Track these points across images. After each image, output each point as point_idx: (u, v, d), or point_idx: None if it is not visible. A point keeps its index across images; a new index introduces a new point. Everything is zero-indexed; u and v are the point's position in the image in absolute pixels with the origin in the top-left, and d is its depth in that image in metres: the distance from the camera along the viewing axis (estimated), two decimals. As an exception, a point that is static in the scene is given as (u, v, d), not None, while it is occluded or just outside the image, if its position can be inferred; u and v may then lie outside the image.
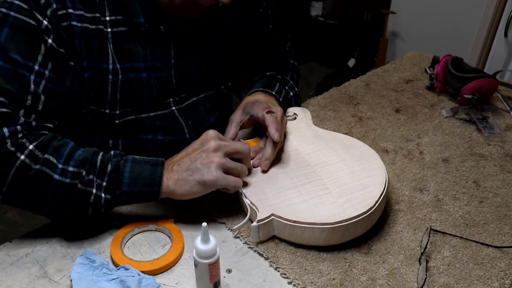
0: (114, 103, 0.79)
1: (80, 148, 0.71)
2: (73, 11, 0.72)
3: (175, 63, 0.84)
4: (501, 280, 0.65)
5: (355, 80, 1.20)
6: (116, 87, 0.78)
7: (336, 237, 0.68)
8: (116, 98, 0.79)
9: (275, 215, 0.69)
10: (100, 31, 0.75)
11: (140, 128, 0.84)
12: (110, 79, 0.77)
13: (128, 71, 0.79)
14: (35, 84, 0.70)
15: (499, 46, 2.01)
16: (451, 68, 1.08)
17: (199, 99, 0.92)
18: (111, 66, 0.77)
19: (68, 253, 0.69)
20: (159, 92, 0.84)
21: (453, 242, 0.71)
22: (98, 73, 0.76)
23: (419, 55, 1.32)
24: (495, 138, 0.96)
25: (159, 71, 0.83)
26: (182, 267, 0.67)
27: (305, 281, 0.64)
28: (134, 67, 0.80)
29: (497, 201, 0.79)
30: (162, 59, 0.82)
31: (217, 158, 0.70)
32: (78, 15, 0.72)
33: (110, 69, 0.77)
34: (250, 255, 0.69)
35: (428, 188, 0.82)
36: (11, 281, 0.65)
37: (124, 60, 0.78)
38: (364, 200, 0.70)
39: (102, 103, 0.79)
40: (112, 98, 0.79)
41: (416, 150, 0.92)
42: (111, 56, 0.77)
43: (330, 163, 0.78)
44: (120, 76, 0.78)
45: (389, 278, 0.65)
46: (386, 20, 2.66)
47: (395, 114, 1.05)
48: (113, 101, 0.79)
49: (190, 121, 0.90)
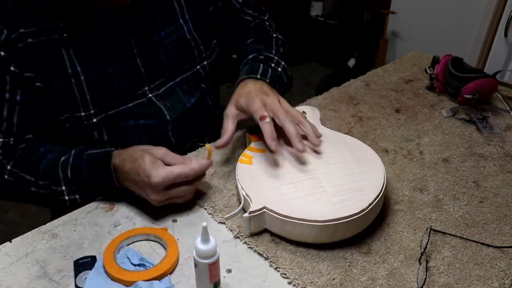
0: (86, 105, 0.82)
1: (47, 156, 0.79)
2: (24, 30, 0.75)
3: (138, 52, 0.85)
4: (501, 280, 0.65)
5: (355, 80, 1.20)
6: (82, 89, 0.80)
7: (326, 236, 0.68)
8: (86, 99, 0.81)
9: (268, 208, 0.69)
10: (53, 40, 0.77)
11: (120, 118, 0.86)
12: (74, 83, 0.80)
13: (92, 70, 0.81)
14: (9, 110, 0.78)
15: (499, 46, 2.01)
16: (451, 68, 1.08)
17: (176, 83, 0.92)
18: (70, 70, 0.79)
19: (68, 253, 0.69)
20: (130, 83, 0.85)
21: (453, 242, 0.71)
22: (62, 80, 0.79)
23: (419, 55, 1.32)
24: (495, 138, 0.96)
25: (125, 62, 0.84)
26: (182, 267, 0.67)
27: (305, 281, 0.64)
28: (99, 65, 0.81)
29: (497, 201, 0.79)
30: (124, 51, 0.84)
31: (154, 196, 0.71)
32: (30, 32, 0.75)
33: (70, 73, 0.79)
34: (250, 255, 0.69)
35: (428, 188, 0.82)
36: (11, 281, 0.65)
37: (86, 61, 0.80)
38: (358, 202, 0.69)
39: (74, 108, 0.81)
40: (82, 100, 0.81)
41: (416, 150, 0.92)
42: (68, 61, 0.79)
43: (330, 163, 0.78)
44: (82, 77, 0.80)
45: (389, 278, 0.65)
46: (386, 20, 2.66)
47: (395, 114, 1.05)
48: (84, 103, 0.81)
49: (168, 103, 0.91)
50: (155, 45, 0.87)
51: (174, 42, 0.90)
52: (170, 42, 0.89)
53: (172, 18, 0.90)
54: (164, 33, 0.89)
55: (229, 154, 0.90)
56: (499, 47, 2.02)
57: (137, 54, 0.85)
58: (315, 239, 0.69)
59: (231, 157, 0.89)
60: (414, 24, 2.53)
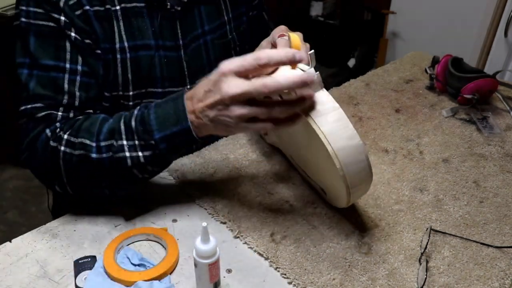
0: (127, 84, 0.80)
1: (110, 118, 0.71)
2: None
3: (183, 43, 0.84)
4: (501, 280, 0.65)
5: (355, 80, 1.20)
6: (126, 66, 0.79)
7: None
8: (127, 78, 0.79)
9: None
10: (108, 10, 0.75)
11: None
12: (119, 59, 0.78)
13: (138, 49, 0.79)
14: (70, 82, 0.73)
15: (499, 46, 2.01)
16: (451, 68, 1.08)
17: None
18: (118, 45, 0.77)
19: (68, 253, 0.69)
20: (172, 74, 0.83)
21: (453, 242, 0.71)
22: (108, 54, 0.77)
23: (419, 55, 1.32)
24: (495, 138, 0.96)
25: (169, 50, 0.82)
26: (182, 267, 0.67)
27: (305, 281, 0.64)
28: (145, 44, 0.79)
29: (497, 201, 0.79)
30: (169, 38, 0.82)
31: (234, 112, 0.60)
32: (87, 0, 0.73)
33: (117, 48, 0.77)
34: (250, 255, 0.69)
35: (428, 188, 0.82)
36: (11, 281, 0.65)
37: (134, 38, 0.78)
38: None
39: (114, 85, 0.79)
40: (124, 79, 0.79)
41: (416, 150, 0.92)
42: (117, 35, 0.77)
43: None
44: (128, 54, 0.78)
45: (389, 278, 0.65)
46: (386, 20, 2.66)
47: (395, 114, 1.05)
48: (125, 81, 0.79)
49: None
50: (199, 38, 0.86)
51: (216, 39, 0.89)
52: (212, 38, 0.88)
53: (217, 14, 0.89)
54: (209, 27, 0.88)
55: (229, 154, 0.90)
56: (499, 47, 2.02)
57: (181, 45, 0.84)
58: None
59: (231, 157, 0.89)
60: (414, 24, 2.53)
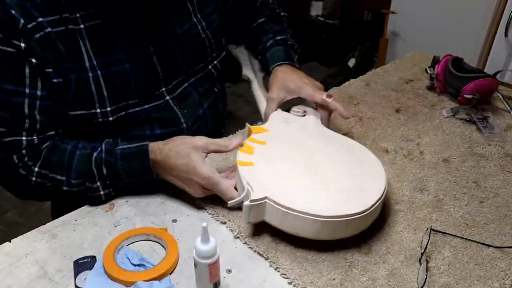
0: (103, 101, 0.80)
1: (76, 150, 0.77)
2: (43, 19, 0.72)
3: (154, 50, 0.83)
4: (502, 280, 0.65)
5: (355, 80, 1.20)
6: (99, 84, 0.78)
7: (326, 233, 0.68)
8: (103, 95, 0.79)
9: (269, 199, 0.68)
10: (71, 30, 0.74)
11: (136, 122, 0.85)
12: (91, 77, 0.77)
13: (109, 65, 0.79)
14: (30, 107, 0.74)
15: (499, 46, 2.01)
16: (452, 68, 1.08)
17: (191, 84, 0.92)
18: (88, 64, 0.77)
19: (68, 253, 0.69)
20: (147, 82, 0.84)
21: (453, 242, 0.71)
22: (78, 73, 0.76)
23: (419, 55, 1.32)
24: (495, 138, 0.96)
25: (141, 60, 0.82)
26: (182, 267, 0.67)
27: (305, 281, 0.64)
28: (115, 59, 0.79)
29: (497, 201, 0.79)
30: (140, 47, 0.82)
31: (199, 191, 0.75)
32: (49, 21, 0.72)
33: (87, 67, 0.77)
34: (250, 255, 0.69)
35: (429, 188, 0.82)
36: (11, 281, 0.65)
37: (103, 54, 0.78)
38: (360, 202, 0.69)
39: (90, 103, 0.79)
40: (99, 96, 0.79)
41: (416, 150, 0.92)
42: (85, 54, 0.76)
43: (333, 161, 0.78)
44: (99, 71, 0.78)
45: (390, 278, 0.65)
46: (386, 20, 2.66)
47: (395, 114, 1.05)
48: (100, 99, 0.79)
49: (185, 109, 0.90)
50: (171, 42, 0.86)
51: (190, 40, 0.89)
52: (185, 39, 0.88)
53: (187, 15, 0.89)
54: (180, 30, 0.87)
55: (229, 153, 0.90)
56: (499, 47, 2.01)
57: (153, 52, 0.84)
58: (314, 235, 0.68)
59: (231, 157, 0.89)
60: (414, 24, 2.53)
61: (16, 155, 0.75)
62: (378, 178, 0.74)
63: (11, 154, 0.75)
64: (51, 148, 0.77)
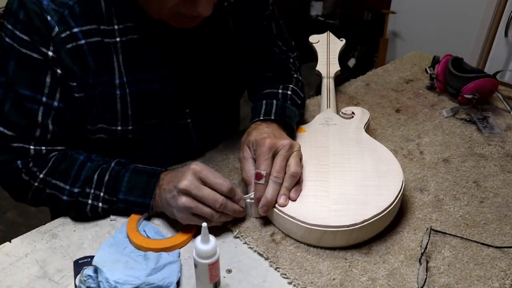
0: (126, 120, 0.77)
1: (88, 162, 0.74)
2: (77, 30, 0.69)
3: (187, 68, 0.80)
4: (502, 281, 0.65)
5: (355, 80, 1.20)
6: (126, 103, 0.75)
7: (312, 239, 0.69)
8: (127, 114, 0.76)
9: None
10: (106, 43, 0.71)
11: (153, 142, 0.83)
12: (118, 95, 0.74)
13: (139, 83, 0.75)
14: (44, 115, 0.72)
15: (499, 46, 2.01)
16: (452, 68, 1.08)
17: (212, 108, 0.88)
18: (118, 80, 0.74)
19: (68, 253, 0.69)
20: (174, 101, 0.81)
21: (453, 242, 0.71)
22: (105, 89, 0.74)
23: (419, 55, 1.32)
24: (495, 138, 0.96)
25: (172, 78, 0.79)
26: (182, 267, 0.67)
27: (305, 281, 0.64)
28: (147, 78, 0.76)
29: (497, 201, 0.79)
30: (174, 65, 0.78)
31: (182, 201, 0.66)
32: (84, 31, 0.69)
33: (116, 84, 0.74)
34: (250, 255, 0.69)
35: (429, 188, 0.82)
36: (11, 281, 0.65)
37: (135, 71, 0.75)
38: (354, 215, 0.67)
39: (112, 120, 0.76)
40: (123, 114, 0.76)
41: (416, 150, 0.92)
42: (117, 70, 0.73)
43: (348, 170, 0.76)
44: (127, 89, 0.75)
45: (389, 278, 0.65)
46: (386, 20, 2.66)
47: (395, 114, 1.05)
48: (124, 117, 0.76)
49: (201, 134, 0.88)
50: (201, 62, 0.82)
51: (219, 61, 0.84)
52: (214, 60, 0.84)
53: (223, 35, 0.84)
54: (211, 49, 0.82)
55: (229, 154, 0.90)
56: (499, 47, 2.02)
57: (185, 70, 0.80)
58: (303, 239, 0.70)
59: (231, 157, 0.89)
60: (414, 24, 2.54)
61: (21, 161, 0.73)
62: (389, 193, 0.71)
63: (16, 159, 0.73)
64: (61, 156, 0.74)
